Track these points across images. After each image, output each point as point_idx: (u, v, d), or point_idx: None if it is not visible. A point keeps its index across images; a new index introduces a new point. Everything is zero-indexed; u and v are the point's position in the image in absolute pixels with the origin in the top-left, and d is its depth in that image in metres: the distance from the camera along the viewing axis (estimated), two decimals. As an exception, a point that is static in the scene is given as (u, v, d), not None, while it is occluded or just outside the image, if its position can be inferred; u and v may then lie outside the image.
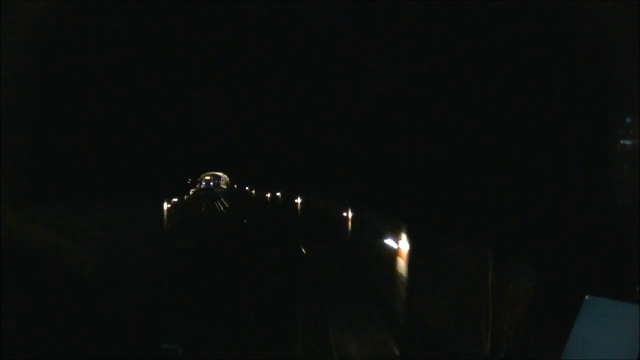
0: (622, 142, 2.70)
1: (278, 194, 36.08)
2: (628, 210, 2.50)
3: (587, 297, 2.07)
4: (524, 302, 2.92)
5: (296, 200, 29.61)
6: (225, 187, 73.34)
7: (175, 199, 27.52)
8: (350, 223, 17.85)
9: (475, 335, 3.97)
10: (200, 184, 73.00)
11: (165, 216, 22.54)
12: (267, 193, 41.33)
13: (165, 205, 22.97)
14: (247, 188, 53.96)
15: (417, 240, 7.62)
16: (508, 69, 4.63)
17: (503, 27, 4.71)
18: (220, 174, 75.94)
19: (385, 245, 9.89)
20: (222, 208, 44.97)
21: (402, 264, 8.42)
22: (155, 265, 12.16)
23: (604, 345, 1.97)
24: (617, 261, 2.22)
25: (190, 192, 46.98)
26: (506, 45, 4.65)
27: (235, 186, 62.40)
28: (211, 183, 77.93)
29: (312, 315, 8.90)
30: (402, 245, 8.56)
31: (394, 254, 9.24)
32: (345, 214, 18.69)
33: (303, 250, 17.18)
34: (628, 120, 2.70)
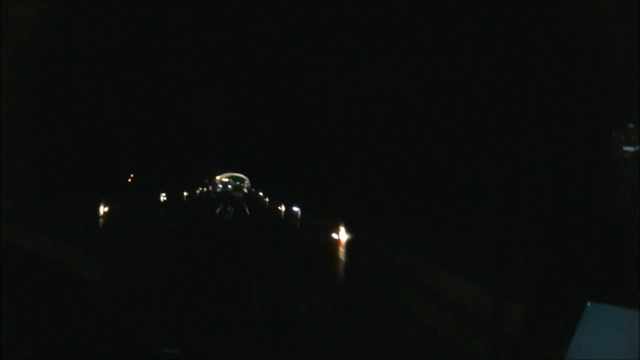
0: (624, 148, 2.71)
1: (296, 209, 21.82)
2: (630, 216, 2.50)
3: (588, 303, 2.07)
4: (525, 307, 2.91)
5: (336, 236, 12.27)
6: (246, 191, 58.29)
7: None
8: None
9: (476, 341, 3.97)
10: (216, 186, 57.78)
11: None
12: (281, 205, 26.85)
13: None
14: (260, 194, 42.08)
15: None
16: (508, 74, 4.63)
17: (502, 31, 4.71)
18: (242, 175, 59.82)
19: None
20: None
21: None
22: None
23: (606, 352, 1.96)
24: (619, 267, 2.22)
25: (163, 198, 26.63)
26: (505, 50, 4.65)
27: (254, 190, 50.81)
28: (229, 186, 61.28)
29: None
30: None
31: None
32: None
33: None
34: (630, 125, 2.70)
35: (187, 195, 36.57)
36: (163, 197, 26.77)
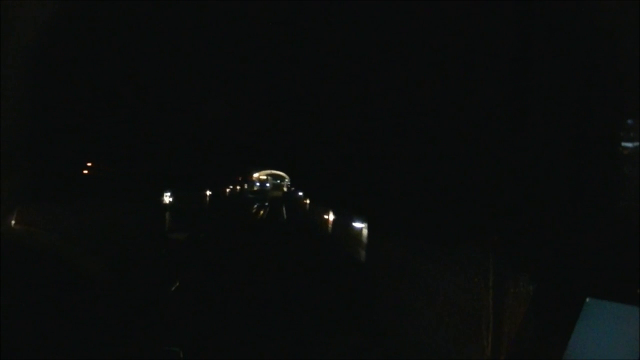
0: (623, 144, 2.71)
1: (359, 225, 12.08)
2: (629, 212, 2.51)
3: (587, 299, 2.07)
4: (525, 304, 2.92)
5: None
6: (285, 190, 54.75)
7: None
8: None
9: (476, 339, 3.97)
10: (253, 185, 54.18)
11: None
12: (327, 212, 18.17)
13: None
14: (300, 194, 35.76)
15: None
16: (507, 69, 4.63)
17: (502, 26, 4.72)
18: (282, 173, 55.25)
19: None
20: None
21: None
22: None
23: (605, 348, 1.97)
24: (619, 263, 2.22)
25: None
26: (505, 45, 4.65)
27: (293, 189, 46.25)
28: (267, 184, 57.74)
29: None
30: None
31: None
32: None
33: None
34: (630, 122, 2.71)
35: (210, 196, 28.96)
36: (167, 199, 19.04)
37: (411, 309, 7.06)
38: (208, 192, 28.63)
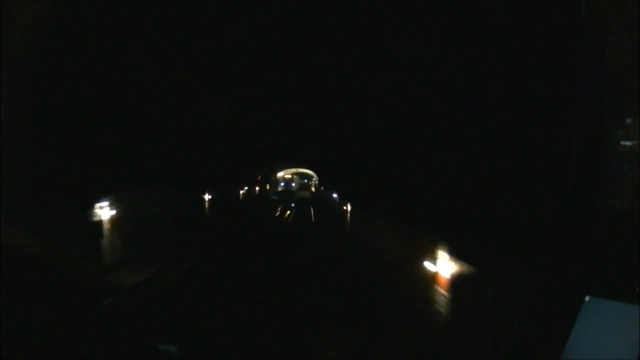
0: (622, 143, 2.71)
1: None
2: (628, 210, 2.51)
3: (587, 298, 2.07)
4: (524, 302, 2.92)
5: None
6: (313, 189, 50.08)
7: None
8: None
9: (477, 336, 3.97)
10: (277, 185, 49.74)
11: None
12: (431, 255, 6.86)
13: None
14: (334, 196, 28.99)
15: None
16: (505, 67, 4.63)
17: (499, 25, 4.71)
18: (309, 172, 48.51)
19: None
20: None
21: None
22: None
23: (604, 347, 1.97)
24: (618, 262, 2.22)
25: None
26: (502, 43, 4.65)
27: (322, 189, 40.79)
28: (293, 184, 52.46)
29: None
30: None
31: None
32: None
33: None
34: (628, 121, 2.71)
35: (210, 200, 21.64)
36: (101, 209, 10.08)
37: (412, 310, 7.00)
38: (207, 197, 21.30)
